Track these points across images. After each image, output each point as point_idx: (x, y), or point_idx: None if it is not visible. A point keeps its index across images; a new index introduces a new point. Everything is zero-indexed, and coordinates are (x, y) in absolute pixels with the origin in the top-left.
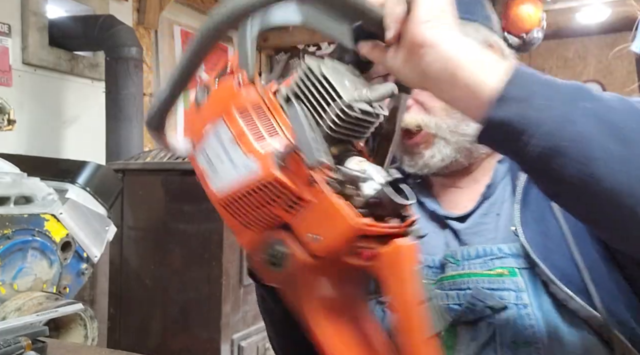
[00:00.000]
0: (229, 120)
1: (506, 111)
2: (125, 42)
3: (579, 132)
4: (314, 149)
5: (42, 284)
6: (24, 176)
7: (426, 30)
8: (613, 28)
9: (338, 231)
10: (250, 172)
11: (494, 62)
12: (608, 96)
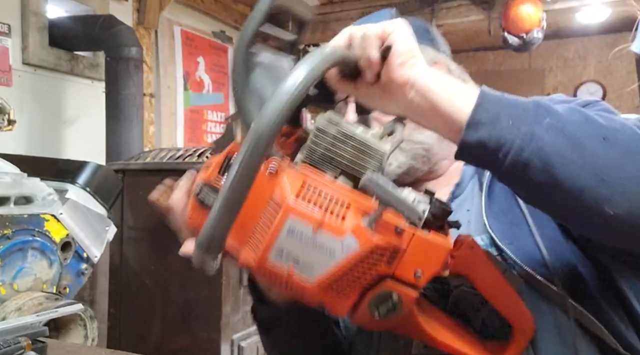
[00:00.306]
0: (297, 214)
1: (479, 134)
2: (126, 42)
3: (540, 146)
4: (411, 205)
5: (42, 284)
6: (24, 176)
7: (405, 71)
8: (613, 28)
9: (437, 258)
10: (349, 250)
11: (463, 89)
12: (562, 109)
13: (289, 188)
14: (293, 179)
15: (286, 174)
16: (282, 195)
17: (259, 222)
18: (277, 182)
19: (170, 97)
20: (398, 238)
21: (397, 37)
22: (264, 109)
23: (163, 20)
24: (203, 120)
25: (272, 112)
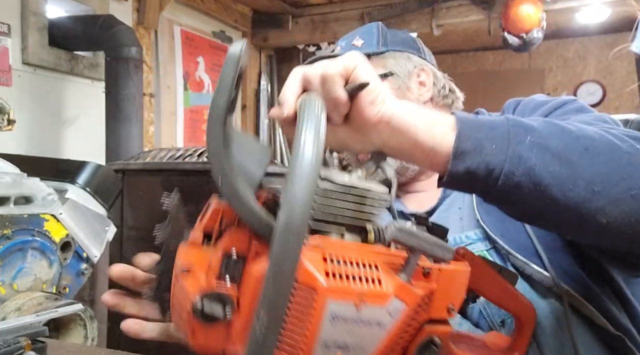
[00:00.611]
0: (335, 296)
1: (466, 163)
2: (125, 42)
3: (530, 166)
4: (444, 245)
5: (41, 284)
6: (23, 176)
7: (378, 108)
8: (613, 28)
9: (463, 285)
10: (397, 314)
11: (438, 118)
12: (538, 124)
13: (313, 267)
14: (309, 255)
15: (310, 254)
16: (310, 279)
17: (286, 320)
18: (309, 272)
19: (170, 97)
20: (429, 280)
21: (362, 71)
22: (290, 195)
23: (163, 20)
24: (203, 120)
25: (301, 197)
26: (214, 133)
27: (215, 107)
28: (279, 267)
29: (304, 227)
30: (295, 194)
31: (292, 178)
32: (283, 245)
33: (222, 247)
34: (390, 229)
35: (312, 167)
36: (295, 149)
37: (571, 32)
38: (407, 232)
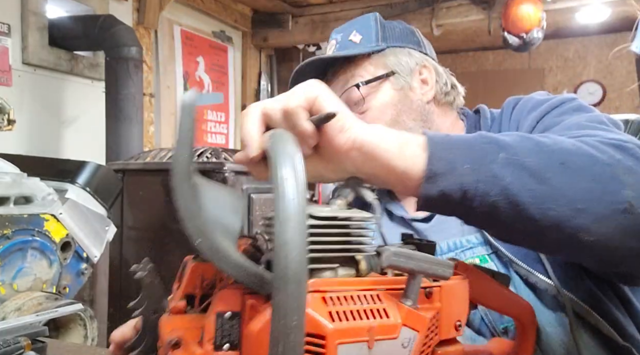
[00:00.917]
0: (345, 338)
1: (439, 185)
2: (125, 42)
3: (504, 186)
4: (442, 261)
5: (41, 284)
6: (23, 176)
7: (348, 135)
8: (613, 28)
9: (465, 298)
10: (410, 343)
11: (409, 139)
12: (511, 139)
13: (315, 312)
14: (309, 300)
15: (315, 306)
16: (314, 325)
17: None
18: (323, 325)
19: (170, 97)
20: (432, 301)
21: (326, 101)
22: (283, 241)
23: (163, 20)
24: (203, 120)
25: (295, 241)
26: (182, 190)
27: (179, 162)
28: (286, 321)
29: (304, 273)
30: (287, 239)
31: (280, 222)
32: (287, 298)
33: (213, 309)
34: (385, 254)
35: (299, 207)
36: (276, 191)
37: (571, 32)
38: (404, 255)
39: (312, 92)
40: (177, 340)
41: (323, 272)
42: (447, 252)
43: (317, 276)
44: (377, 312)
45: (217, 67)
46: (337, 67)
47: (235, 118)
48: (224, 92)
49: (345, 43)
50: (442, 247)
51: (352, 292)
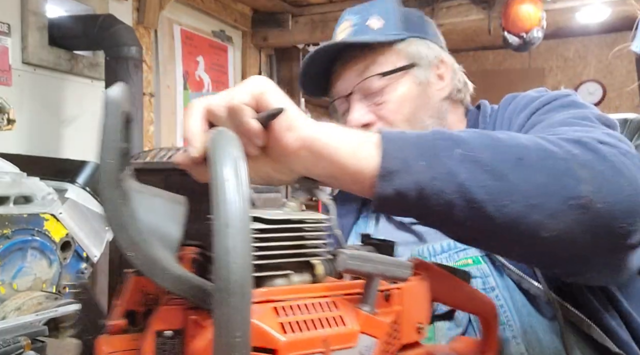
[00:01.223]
0: (297, 351)
1: (394, 183)
2: (125, 41)
3: (460, 182)
4: (401, 262)
5: (41, 284)
6: (23, 176)
7: (298, 133)
8: (613, 27)
9: (427, 299)
10: (370, 351)
11: (362, 137)
12: (467, 135)
13: (265, 325)
14: (258, 311)
15: (262, 314)
16: (264, 339)
17: None
18: (273, 337)
19: (169, 96)
20: (391, 304)
21: (272, 97)
22: (223, 250)
23: (163, 20)
24: None
25: (237, 248)
26: (110, 198)
27: (105, 168)
28: (229, 338)
29: (248, 283)
30: (228, 246)
31: (220, 228)
32: (229, 312)
33: (151, 328)
34: (340, 258)
35: (241, 210)
36: (216, 195)
37: (571, 32)
38: (360, 258)
39: (257, 88)
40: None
41: (275, 280)
42: (441, 253)
43: (269, 284)
44: (332, 320)
45: (217, 67)
46: (352, 52)
47: None
48: None
49: (363, 27)
50: (436, 248)
51: (305, 300)
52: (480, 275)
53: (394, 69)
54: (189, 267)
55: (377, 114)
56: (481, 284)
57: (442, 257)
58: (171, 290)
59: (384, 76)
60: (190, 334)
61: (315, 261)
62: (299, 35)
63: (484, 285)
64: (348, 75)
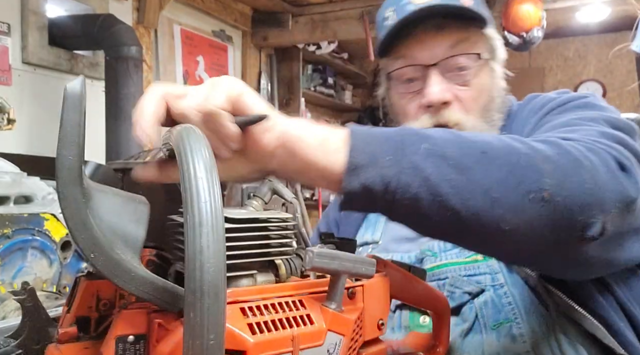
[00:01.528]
0: (266, 350)
1: (361, 178)
2: (125, 41)
3: (425, 177)
4: (366, 259)
5: (42, 283)
6: (23, 175)
7: (273, 134)
8: (613, 27)
9: (386, 295)
10: (337, 348)
11: (333, 135)
12: (434, 131)
13: (233, 326)
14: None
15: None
16: (233, 341)
17: None
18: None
19: None
20: (355, 301)
21: (250, 100)
22: (196, 250)
23: (163, 20)
24: None
25: (211, 248)
26: (70, 197)
27: (66, 165)
28: (203, 340)
29: (222, 284)
30: (202, 246)
31: (193, 228)
32: (203, 314)
33: (112, 333)
34: (308, 256)
35: (214, 209)
36: (187, 193)
37: (571, 31)
38: (328, 256)
39: (233, 91)
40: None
41: (240, 280)
42: (452, 249)
43: (234, 285)
44: (300, 319)
45: (217, 67)
46: (443, 20)
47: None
48: None
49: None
50: (447, 244)
51: (273, 300)
52: (489, 272)
53: (485, 55)
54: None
55: (456, 94)
56: (490, 280)
57: (452, 253)
58: (135, 293)
59: (479, 59)
60: (155, 338)
61: (279, 261)
62: (299, 34)
63: (493, 281)
64: (436, 44)
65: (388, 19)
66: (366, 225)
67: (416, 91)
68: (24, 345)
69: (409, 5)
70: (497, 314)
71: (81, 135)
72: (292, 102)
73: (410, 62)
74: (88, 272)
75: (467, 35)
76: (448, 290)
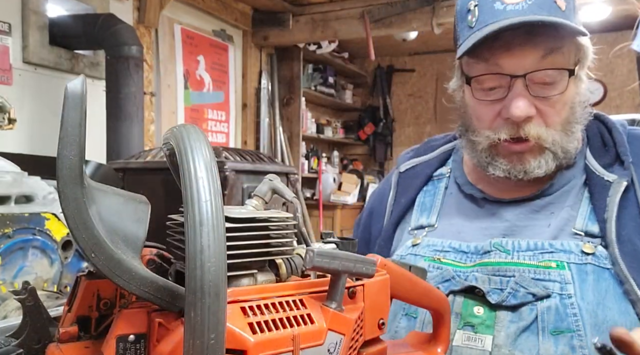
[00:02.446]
0: (267, 350)
1: None
2: (126, 40)
3: None
4: (366, 259)
5: (43, 283)
6: (24, 175)
7: None
8: (614, 26)
9: (386, 294)
10: (337, 348)
11: None
12: None
13: (234, 326)
14: (228, 312)
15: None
16: (234, 340)
17: None
18: (245, 338)
19: (170, 95)
20: (356, 300)
21: None
22: (197, 249)
23: (163, 19)
24: (204, 119)
25: (211, 248)
26: (71, 197)
27: (66, 164)
28: (203, 340)
29: (223, 284)
30: (203, 246)
31: (194, 227)
32: (203, 313)
33: (113, 333)
34: (309, 256)
35: (215, 209)
36: (188, 192)
37: None
38: (328, 255)
39: None
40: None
41: (241, 280)
42: (526, 250)
43: (235, 284)
44: (300, 318)
45: (218, 66)
46: (536, 27)
47: (235, 117)
48: (224, 91)
49: (551, 3)
50: (522, 244)
51: (273, 299)
52: (560, 281)
53: (575, 68)
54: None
55: (538, 108)
56: (559, 288)
57: (525, 255)
58: (135, 292)
59: (570, 75)
60: (156, 337)
61: (279, 261)
62: (300, 34)
63: (562, 290)
64: (525, 54)
65: (471, 12)
66: (421, 209)
67: (496, 99)
68: (24, 344)
69: (497, 3)
70: (559, 321)
71: (82, 135)
72: (292, 102)
73: (495, 69)
74: (89, 272)
75: (559, 46)
76: (511, 288)
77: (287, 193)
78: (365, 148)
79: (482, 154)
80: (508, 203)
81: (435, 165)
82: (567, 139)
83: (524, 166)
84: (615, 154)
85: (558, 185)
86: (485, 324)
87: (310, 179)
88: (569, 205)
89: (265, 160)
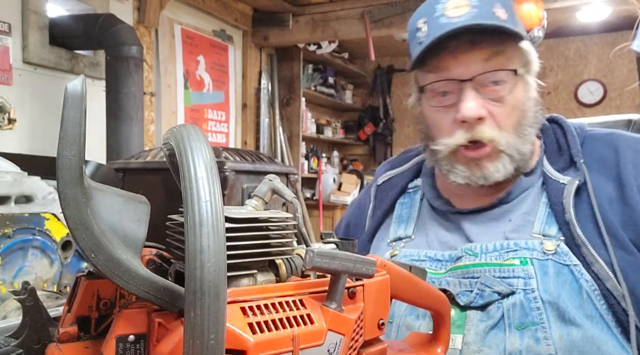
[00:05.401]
0: (266, 350)
1: None
2: (126, 41)
3: None
4: (366, 259)
5: (42, 283)
6: (24, 175)
7: None
8: (614, 27)
9: (386, 294)
10: (337, 348)
11: None
12: None
13: (234, 326)
14: (227, 312)
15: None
16: (234, 340)
17: None
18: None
19: (170, 95)
20: (356, 300)
21: None
22: (197, 249)
23: (163, 19)
24: (203, 119)
25: (211, 248)
26: (71, 197)
27: (66, 164)
28: (203, 340)
29: (223, 284)
30: (202, 246)
31: (193, 227)
32: (203, 313)
33: (113, 333)
34: (308, 256)
35: (215, 209)
36: (188, 192)
37: (572, 31)
38: (328, 256)
39: None
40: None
41: (241, 280)
42: (493, 251)
43: (234, 284)
44: (300, 318)
45: (218, 66)
46: (479, 35)
47: (235, 117)
48: (224, 91)
49: (490, 13)
50: (489, 247)
51: (273, 300)
52: (523, 276)
53: (520, 69)
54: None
55: (489, 110)
56: (522, 284)
57: (492, 255)
58: (135, 292)
59: (516, 74)
60: (156, 338)
61: (279, 261)
62: (300, 34)
63: (525, 285)
64: (471, 59)
65: (420, 30)
66: (398, 221)
67: (450, 105)
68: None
69: (442, 19)
70: (523, 316)
71: (82, 135)
72: (292, 102)
73: (444, 76)
74: (89, 272)
75: (502, 49)
76: (478, 288)
77: (287, 193)
78: (365, 148)
79: (442, 162)
80: (468, 213)
81: (409, 177)
82: (521, 141)
83: (483, 172)
84: (570, 157)
85: (515, 193)
86: (456, 324)
87: (310, 179)
88: (526, 212)
89: (265, 160)
